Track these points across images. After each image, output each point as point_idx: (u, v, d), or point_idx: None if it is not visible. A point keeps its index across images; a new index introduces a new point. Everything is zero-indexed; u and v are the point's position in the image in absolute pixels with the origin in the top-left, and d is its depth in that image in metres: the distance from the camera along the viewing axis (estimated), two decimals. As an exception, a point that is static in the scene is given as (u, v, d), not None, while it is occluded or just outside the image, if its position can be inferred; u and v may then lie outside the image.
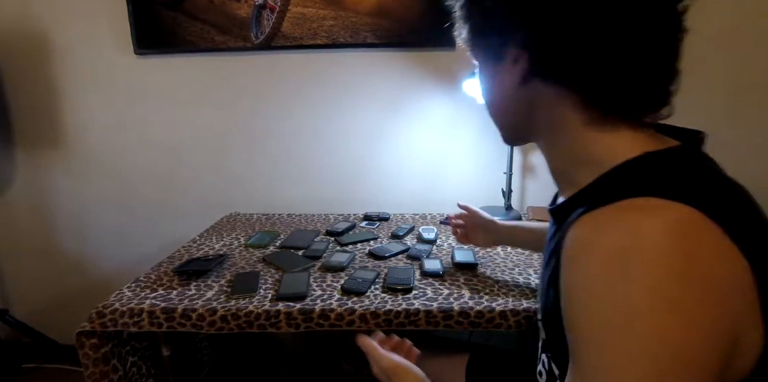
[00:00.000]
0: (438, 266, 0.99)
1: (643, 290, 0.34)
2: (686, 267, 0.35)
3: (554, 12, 0.42)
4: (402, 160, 1.51)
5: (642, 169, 0.43)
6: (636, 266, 0.35)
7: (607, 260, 0.36)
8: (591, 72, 0.43)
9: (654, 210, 0.37)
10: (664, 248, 0.35)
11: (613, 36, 0.42)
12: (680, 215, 0.37)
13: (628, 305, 0.35)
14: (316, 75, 1.46)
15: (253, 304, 0.84)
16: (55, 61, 1.49)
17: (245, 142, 1.53)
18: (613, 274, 0.36)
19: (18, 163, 1.59)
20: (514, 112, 0.52)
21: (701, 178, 0.42)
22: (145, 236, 1.63)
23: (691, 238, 0.36)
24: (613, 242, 0.37)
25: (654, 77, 0.44)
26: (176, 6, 1.40)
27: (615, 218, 0.38)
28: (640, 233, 0.36)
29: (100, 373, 0.85)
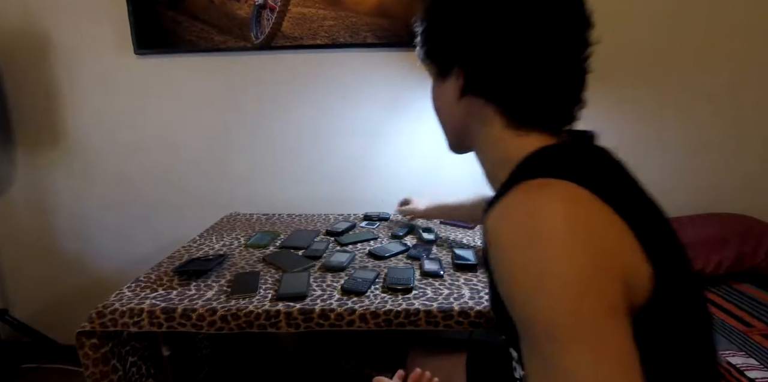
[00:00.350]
0: (438, 266, 0.99)
1: (548, 249, 0.42)
2: (578, 227, 0.43)
3: (485, 41, 0.53)
4: (402, 160, 1.51)
5: (537, 159, 0.53)
6: (535, 232, 0.43)
7: (513, 233, 0.44)
8: (510, 90, 0.54)
9: (545, 186, 0.46)
10: (557, 213, 0.43)
11: (529, 63, 0.52)
12: (567, 188, 0.45)
13: (538, 263, 0.42)
14: (316, 75, 1.46)
15: (253, 304, 0.84)
16: (55, 61, 1.49)
17: (245, 142, 1.53)
18: (520, 243, 0.43)
19: (18, 163, 1.59)
20: (454, 121, 0.63)
21: (584, 163, 0.52)
22: (145, 236, 1.63)
23: (579, 203, 0.44)
24: (516, 217, 0.45)
25: (560, 97, 0.55)
26: (176, 6, 1.40)
27: (515, 199, 0.46)
28: (536, 205, 0.44)
29: (100, 373, 0.85)
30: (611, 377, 0.39)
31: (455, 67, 0.57)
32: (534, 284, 0.42)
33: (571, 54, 0.54)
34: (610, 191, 0.46)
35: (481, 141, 0.60)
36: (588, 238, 0.42)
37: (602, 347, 0.40)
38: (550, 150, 0.53)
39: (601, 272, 0.42)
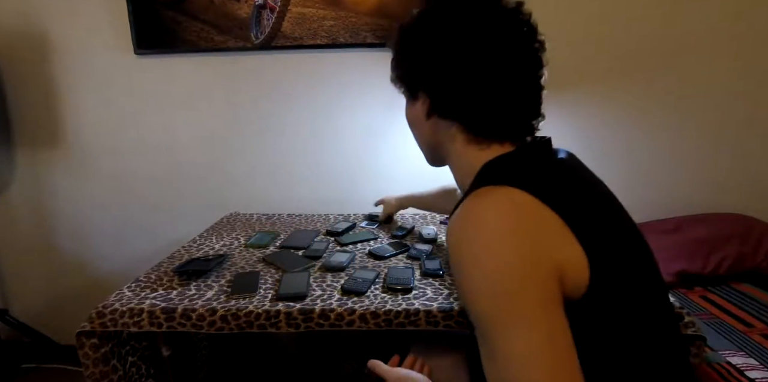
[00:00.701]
0: (438, 266, 0.99)
1: (477, 245, 0.50)
2: (507, 229, 0.50)
3: (446, 70, 0.61)
4: (402, 160, 1.51)
5: (492, 167, 0.61)
6: (471, 230, 0.52)
7: (455, 233, 0.53)
8: (470, 110, 0.62)
9: (488, 193, 0.54)
10: (490, 217, 0.51)
11: (486, 87, 0.60)
12: (507, 193, 0.53)
13: (471, 259, 0.50)
14: (316, 75, 1.46)
15: (253, 304, 0.84)
16: (55, 61, 1.49)
17: (245, 141, 1.53)
18: (459, 242, 0.52)
19: (18, 163, 1.59)
20: (425, 137, 0.71)
21: (530, 168, 0.59)
22: (145, 236, 1.63)
23: (514, 207, 0.52)
24: (459, 220, 0.54)
25: (519, 118, 0.63)
26: (176, 6, 1.40)
27: (464, 205, 0.55)
28: (476, 210, 0.53)
29: (100, 373, 0.85)
30: (542, 358, 0.46)
31: (421, 92, 0.65)
32: (468, 277, 0.51)
33: (524, 76, 0.60)
34: (551, 193, 0.53)
35: (451, 154, 0.67)
36: (516, 238, 0.50)
37: (532, 330, 0.46)
38: (503, 158, 0.61)
39: (527, 267, 0.48)
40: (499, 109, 0.61)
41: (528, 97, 0.62)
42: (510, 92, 0.60)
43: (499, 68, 0.59)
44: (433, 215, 1.44)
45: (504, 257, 0.49)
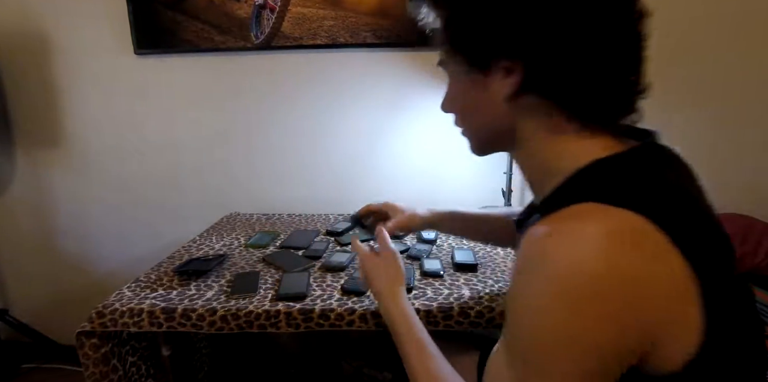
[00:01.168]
0: (438, 266, 0.99)
1: (557, 284, 0.38)
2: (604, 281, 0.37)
3: (556, 22, 0.43)
4: (402, 160, 1.51)
5: (589, 176, 0.45)
6: (560, 263, 0.38)
7: (533, 256, 0.40)
8: (576, 83, 0.45)
9: (594, 216, 0.39)
10: (592, 252, 0.37)
11: (599, 48, 0.44)
12: (618, 220, 0.38)
13: (538, 299, 0.39)
14: (316, 75, 1.46)
15: (253, 304, 0.84)
16: (55, 61, 1.49)
17: (245, 142, 1.53)
18: (530, 272, 0.40)
19: (18, 163, 1.59)
20: (493, 124, 0.52)
21: (646, 184, 0.42)
22: (145, 236, 1.63)
23: (625, 246, 0.37)
24: (547, 246, 0.39)
25: (627, 85, 0.47)
26: (176, 6, 1.40)
27: (558, 225, 0.40)
28: (578, 237, 0.38)
29: (100, 373, 0.85)
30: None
31: (505, 61, 0.46)
32: (526, 314, 0.41)
33: (633, 34, 0.46)
34: (685, 229, 0.39)
35: (528, 144, 0.51)
36: (611, 298, 0.37)
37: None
38: (608, 163, 0.45)
39: (598, 338, 0.38)
40: (611, 75, 0.45)
41: (637, 58, 0.47)
42: (623, 51, 0.45)
43: (617, 17, 0.44)
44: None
45: (579, 318, 0.37)
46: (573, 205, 0.41)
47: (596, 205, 0.40)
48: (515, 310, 0.42)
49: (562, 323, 0.38)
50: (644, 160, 0.46)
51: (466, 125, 0.57)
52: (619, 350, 0.38)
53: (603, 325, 0.37)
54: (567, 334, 0.38)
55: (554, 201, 0.44)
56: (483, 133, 0.56)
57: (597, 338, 0.38)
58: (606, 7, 0.43)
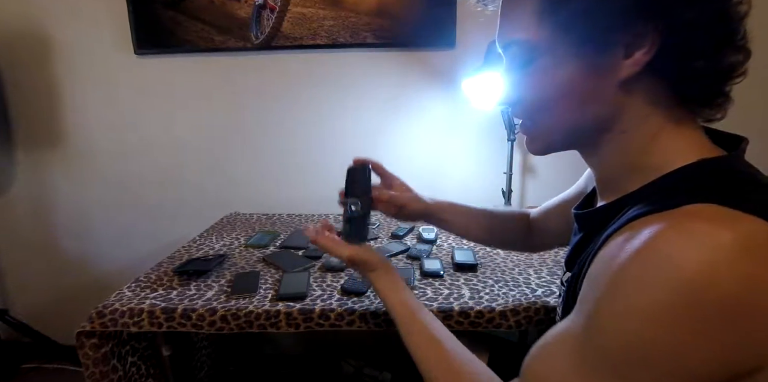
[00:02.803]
0: (438, 266, 0.99)
1: (669, 303, 0.33)
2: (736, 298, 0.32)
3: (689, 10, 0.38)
4: (402, 160, 1.51)
5: (700, 175, 0.40)
6: (674, 274, 0.32)
7: (650, 259, 0.34)
8: (698, 70, 0.39)
9: (724, 220, 0.34)
10: (725, 267, 0.31)
11: (730, 37, 0.40)
12: (752, 227, 0.33)
13: (647, 310, 0.34)
14: (316, 75, 1.46)
15: (253, 304, 0.84)
16: (55, 61, 1.49)
17: (245, 142, 1.53)
18: (649, 275, 0.34)
19: (18, 163, 1.59)
20: (592, 115, 0.44)
21: (761, 188, 0.38)
22: (145, 236, 1.63)
23: (760, 256, 0.32)
24: (672, 247, 0.33)
25: (729, 79, 0.42)
26: (176, 6, 1.40)
27: (682, 225, 0.35)
28: (706, 244, 0.32)
29: (100, 373, 0.85)
30: None
31: (631, 34, 0.39)
32: (630, 320, 0.35)
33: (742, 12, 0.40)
34: None
35: (623, 136, 0.44)
36: (737, 320, 0.32)
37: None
38: (716, 166, 0.40)
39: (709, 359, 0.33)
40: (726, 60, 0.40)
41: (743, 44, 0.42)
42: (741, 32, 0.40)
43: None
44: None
45: (699, 337, 0.32)
46: (690, 204, 0.35)
47: (721, 208, 0.34)
48: (612, 312, 0.36)
49: (676, 339, 0.33)
50: (751, 165, 0.42)
51: (547, 118, 0.47)
52: (726, 368, 0.33)
53: (722, 350, 0.33)
54: (678, 352, 0.33)
55: (659, 196, 0.39)
56: (571, 126, 0.46)
57: (709, 362, 0.33)
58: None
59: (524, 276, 0.96)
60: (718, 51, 0.39)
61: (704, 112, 0.43)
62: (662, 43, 0.38)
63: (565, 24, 0.41)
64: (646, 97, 0.42)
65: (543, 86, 0.45)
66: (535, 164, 1.48)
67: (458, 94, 1.39)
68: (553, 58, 0.43)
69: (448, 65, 1.41)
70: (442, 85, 1.43)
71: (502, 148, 1.39)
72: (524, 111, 0.48)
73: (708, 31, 0.38)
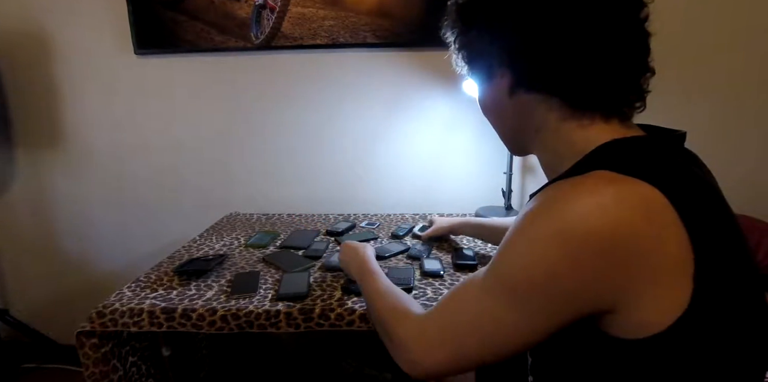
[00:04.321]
0: (438, 266, 0.99)
1: (552, 231, 0.43)
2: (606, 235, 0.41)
3: (522, 31, 0.50)
4: (402, 160, 1.51)
5: (608, 151, 0.49)
6: (557, 211, 0.43)
7: (542, 202, 0.45)
8: (566, 78, 0.50)
9: (611, 179, 0.43)
10: (597, 210, 0.41)
11: (581, 47, 0.48)
12: (633, 186, 0.42)
13: (531, 237, 0.45)
14: (316, 75, 1.46)
15: (253, 304, 0.84)
16: (55, 61, 1.49)
17: (245, 142, 1.53)
18: (539, 214, 0.45)
19: (18, 163, 1.59)
20: (509, 122, 0.60)
21: (664, 161, 0.47)
22: (145, 236, 1.63)
23: (635, 208, 0.41)
24: (559, 194, 0.45)
25: (623, 76, 0.50)
26: (176, 6, 1.40)
27: (573, 182, 0.45)
28: (590, 193, 0.42)
29: (100, 373, 0.85)
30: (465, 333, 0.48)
31: (501, 65, 0.54)
32: (516, 244, 0.46)
33: (629, 13, 0.49)
34: (687, 198, 0.42)
35: (540, 136, 0.56)
36: (602, 253, 0.41)
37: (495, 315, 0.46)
38: (630, 142, 0.49)
39: (579, 281, 0.42)
40: (606, 65, 0.49)
41: (637, 43, 0.50)
42: (617, 38, 0.48)
43: (601, 8, 0.48)
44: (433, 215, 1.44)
45: (571, 262, 0.42)
46: (591, 172, 0.45)
47: (612, 173, 0.43)
48: (513, 242, 0.47)
49: (554, 262, 0.42)
50: (663, 144, 0.50)
51: (495, 128, 0.64)
52: (592, 300, 0.43)
53: (590, 274, 0.42)
54: (555, 273, 0.43)
55: (573, 171, 0.48)
56: (506, 132, 0.64)
57: (579, 284, 0.42)
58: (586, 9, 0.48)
59: (524, 276, 0.96)
60: (571, 71, 0.50)
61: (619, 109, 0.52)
62: (513, 73, 0.53)
63: (468, 67, 0.60)
64: (538, 105, 0.54)
65: (482, 108, 0.63)
66: (535, 164, 1.48)
67: (458, 94, 1.39)
68: (478, 88, 0.62)
69: (448, 65, 1.40)
70: (442, 85, 1.43)
71: (502, 148, 1.37)
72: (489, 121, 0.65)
73: (552, 61, 0.50)
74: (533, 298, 0.44)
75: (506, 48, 0.53)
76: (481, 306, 0.48)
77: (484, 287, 0.49)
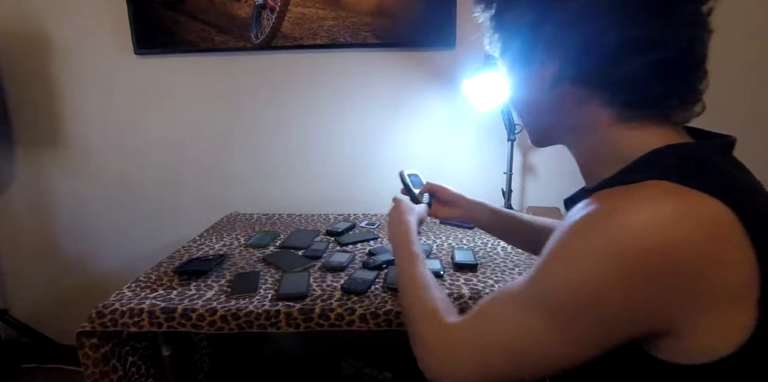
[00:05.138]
0: (438, 266, 0.99)
1: (605, 247, 0.37)
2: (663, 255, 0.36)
3: (581, 17, 0.44)
4: (402, 160, 1.51)
5: (661, 158, 0.43)
6: (611, 225, 0.37)
7: (592, 214, 0.39)
8: (618, 73, 0.44)
9: (670, 192, 0.38)
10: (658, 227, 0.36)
11: (638, 39, 0.43)
12: (695, 200, 0.37)
13: (579, 251, 0.39)
14: (316, 75, 1.46)
15: (253, 304, 0.84)
16: (55, 61, 1.49)
17: (245, 142, 1.53)
18: (591, 225, 0.39)
19: (18, 162, 1.59)
20: (544, 116, 0.54)
21: (719, 171, 0.41)
22: (145, 236, 1.63)
23: (701, 226, 0.36)
24: (617, 206, 0.38)
25: (682, 76, 0.45)
26: (176, 6, 1.40)
27: (632, 192, 0.39)
28: (647, 207, 0.37)
29: (100, 373, 0.85)
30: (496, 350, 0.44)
31: (541, 55, 0.48)
32: (561, 257, 0.41)
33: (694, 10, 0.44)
34: (752, 212, 0.37)
35: (580, 134, 0.51)
36: (660, 275, 0.36)
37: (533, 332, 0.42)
38: (681, 149, 0.44)
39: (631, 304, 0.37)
40: (663, 67, 0.43)
41: (699, 55, 0.46)
42: (677, 45, 0.43)
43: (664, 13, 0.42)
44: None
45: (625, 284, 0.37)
46: (646, 181, 0.40)
47: (671, 183, 0.38)
48: (557, 255, 0.41)
49: (604, 281, 0.37)
50: (720, 152, 0.45)
51: (522, 118, 0.59)
52: (644, 323, 0.38)
53: (644, 296, 0.37)
54: (604, 293, 0.38)
55: (622, 178, 0.43)
56: (534, 124, 0.58)
57: (631, 306, 0.38)
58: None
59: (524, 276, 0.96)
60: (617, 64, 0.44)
61: (674, 113, 0.47)
62: (560, 62, 0.47)
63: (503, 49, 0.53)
64: (582, 101, 0.48)
65: (512, 95, 0.57)
66: (535, 164, 1.48)
67: (458, 95, 1.39)
68: (509, 73, 0.55)
69: (448, 65, 1.41)
70: (442, 86, 1.43)
71: (502, 148, 1.39)
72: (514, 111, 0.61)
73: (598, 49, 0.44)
74: (578, 319, 0.40)
75: (558, 34, 0.46)
76: (516, 321, 0.43)
77: (522, 300, 0.44)
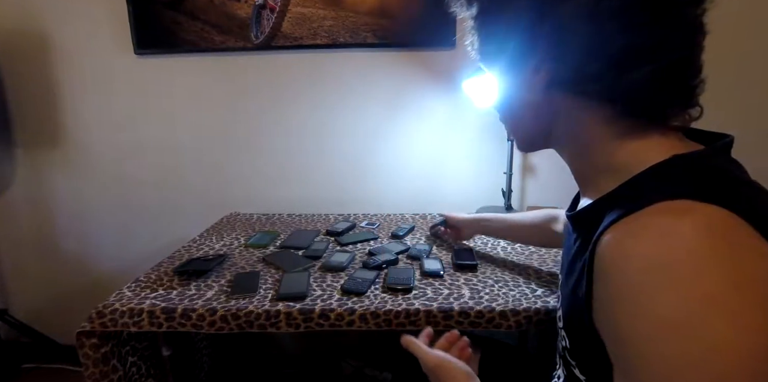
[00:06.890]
0: (438, 266, 0.99)
1: (689, 297, 0.33)
2: (731, 269, 0.33)
3: (577, 22, 0.42)
4: (402, 160, 1.51)
5: (670, 172, 0.41)
6: (676, 273, 0.34)
7: (645, 268, 0.35)
8: (618, 81, 0.42)
9: (684, 212, 0.37)
10: (704, 252, 0.34)
11: (641, 46, 0.41)
12: (710, 215, 0.36)
13: (675, 314, 0.33)
14: (316, 75, 1.46)
15: (253, 304, 0.84)
16: (55, 61, 1.49)
17: (245, 142, 1.53)
18: (654, 282, 0.35)
19: (18, 162, 1.59)
20: (532, 123, 0.52)
21: (728, 180, 0.41)
22: (145, 236, 1.63)
23: (727, 238, 0.35)
24: (649, 248, 0.36)
25: (683, 82, 0.44)
26: (176, 6, 1.40)
27: (648, 223, 0.37)
28: (675, 237, 0.35)
29: (100, 373, 0.85)
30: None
31: (535, 58, 0.46)
32: (666, 333, 0.34)
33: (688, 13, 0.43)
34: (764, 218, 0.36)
35: (573, 143, 0.49)
36: (749, 287, 0.33)
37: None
38: (686, 161, 0.42)
39: (760, 336, 0.32)
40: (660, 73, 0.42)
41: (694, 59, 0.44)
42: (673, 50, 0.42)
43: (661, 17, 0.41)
44: (433, 215, 1.44)
45: (745, 319, 0.32)
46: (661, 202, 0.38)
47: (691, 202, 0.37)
48: (641, 334, 0.35)
49: (718, 329, 0.32)
50: (721, 159, 0.44)
51: (508, 124, 0.58)
52: None
53: (759, 318, 0.32)
54: (725, 338, 0.32)
55: (632, 197, 0.41)
56: (521, 131, 0.56)
57: (760, 335, 0.32)
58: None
59: (524, 276, 0.96)
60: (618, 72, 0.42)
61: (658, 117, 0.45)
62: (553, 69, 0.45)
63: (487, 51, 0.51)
64: (575, 110, 0.46)
65: (498, 100, 0.55)
66: (535, 164, 1.48)
67: (458, 94, 1.39)
68: (496, 77, 0.53)
69: (448, 65, 1.41)
70: (442, 85, 1.43)
71: (502, 148, 1.39)
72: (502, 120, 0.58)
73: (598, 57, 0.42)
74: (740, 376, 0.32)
75: (555, 40, 0.43)
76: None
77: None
